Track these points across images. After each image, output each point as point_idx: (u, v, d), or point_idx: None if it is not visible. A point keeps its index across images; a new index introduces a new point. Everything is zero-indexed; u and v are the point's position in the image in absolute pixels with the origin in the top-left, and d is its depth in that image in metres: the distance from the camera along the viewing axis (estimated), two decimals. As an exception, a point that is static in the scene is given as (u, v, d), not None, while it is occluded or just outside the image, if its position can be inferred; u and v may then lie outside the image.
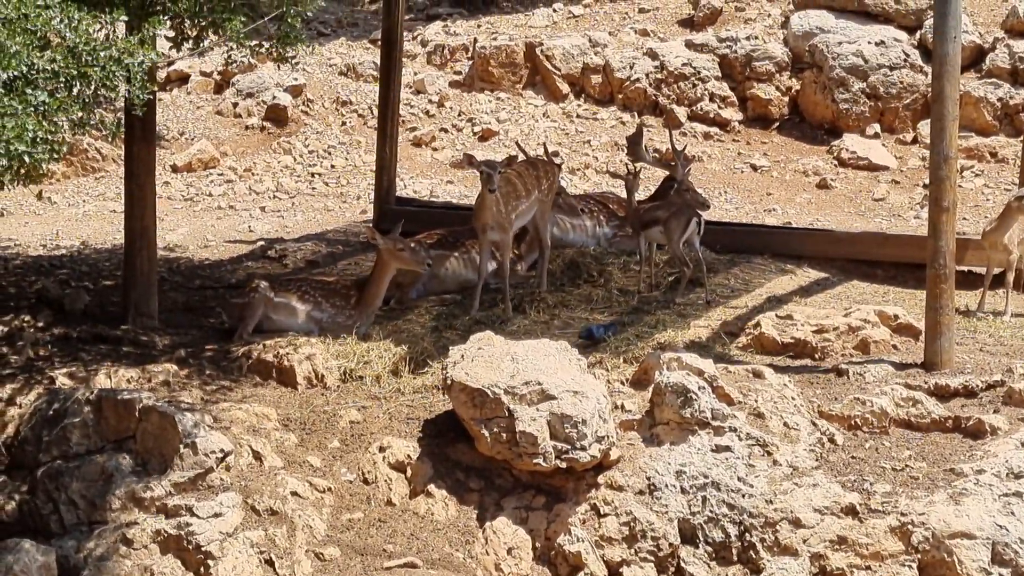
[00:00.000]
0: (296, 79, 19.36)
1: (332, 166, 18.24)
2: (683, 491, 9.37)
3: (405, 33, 17.45)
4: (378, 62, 16.59)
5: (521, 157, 13.28)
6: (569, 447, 9.34)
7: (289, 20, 9.38)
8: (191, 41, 9.41)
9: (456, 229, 12.87)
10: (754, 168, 18.20)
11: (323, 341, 11.22)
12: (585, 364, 9.95)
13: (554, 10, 21.61)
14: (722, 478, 9.35)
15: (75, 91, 7.48)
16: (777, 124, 19.28)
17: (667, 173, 13.67)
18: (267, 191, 17.27)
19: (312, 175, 17.95)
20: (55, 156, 7.49)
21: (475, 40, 20.31)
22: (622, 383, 10.22)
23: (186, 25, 9.20)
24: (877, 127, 18.70)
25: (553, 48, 20.03)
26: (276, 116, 19.02)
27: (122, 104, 9.54)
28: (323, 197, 17.22)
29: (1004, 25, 18.82)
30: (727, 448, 9.46)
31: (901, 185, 17.47)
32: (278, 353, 10.93)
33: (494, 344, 10.01)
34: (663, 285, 12.57)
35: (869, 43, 18.96)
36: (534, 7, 21.97)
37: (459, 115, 19.49)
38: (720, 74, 19.54)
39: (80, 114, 7.56)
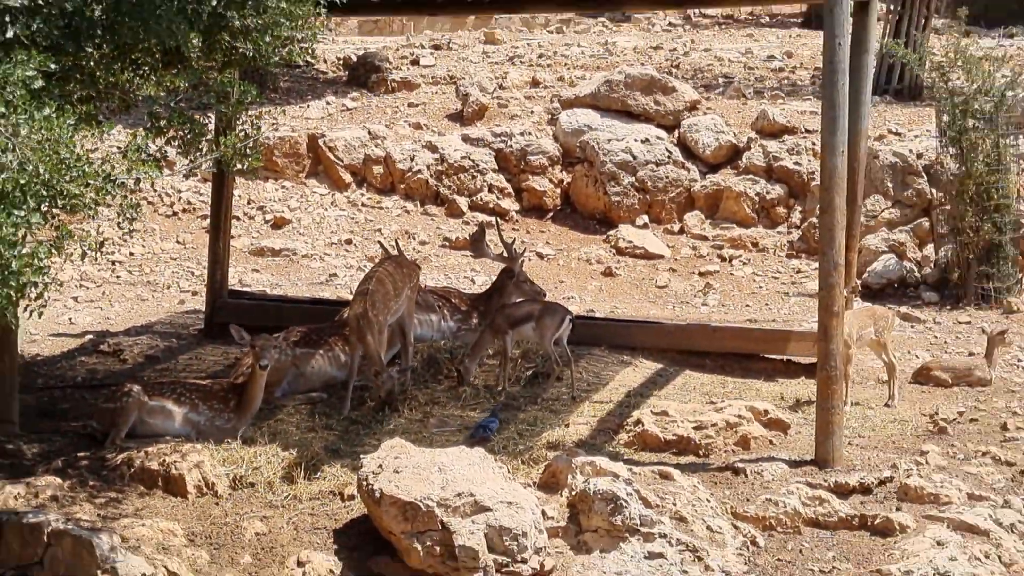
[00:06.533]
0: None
1: (131, 253, 16.75)
2: (622, 600, 8.60)
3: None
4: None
5: (383, 253, 12.41)
6: (509, 560, 8.45)
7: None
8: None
9: (319, 326, 11.80)
10: (540, 256, 17.64)
11: (207, 447, 9.98)
12: (507, 471, 9.09)
13: (327, 103, 20.67)
14: (660, 585, 8.63)
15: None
16: (551, 214, 18.85)
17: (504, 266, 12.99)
18: (71, 280, 15.64)
19: (112, 263, 16.42)
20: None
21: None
22: (528, 486, 9.40)
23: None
24: (646, 218, 18.46)
25: (336, 140, 19.13)
26: (65, 202, 17.33)
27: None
28: (131, 286, 15.74)
29: (754, 126, 18.90)
30: (660, 555, 8.69)
31: (679, 273, 17.19)
32: (164, 461, 9.62)
33: (410, 452, 9.06)
34: (522, 379, 11.79)
35: (636, 140, 18.76)
36: (303, 100, 20.97)
37: (248, 203, 18.30)
38: (497, 167, 19.01)
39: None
